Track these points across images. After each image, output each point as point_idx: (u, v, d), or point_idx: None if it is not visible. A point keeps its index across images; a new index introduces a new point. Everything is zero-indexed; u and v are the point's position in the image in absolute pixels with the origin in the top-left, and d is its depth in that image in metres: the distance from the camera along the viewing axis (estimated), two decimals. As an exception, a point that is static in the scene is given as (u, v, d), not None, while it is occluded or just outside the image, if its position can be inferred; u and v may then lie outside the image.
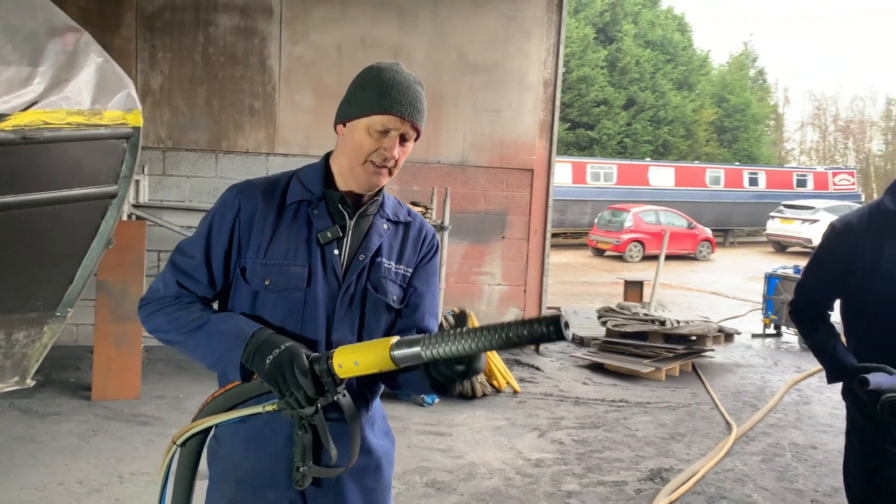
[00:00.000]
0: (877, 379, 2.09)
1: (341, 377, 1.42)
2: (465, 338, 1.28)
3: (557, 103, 7.51)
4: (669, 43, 31.09)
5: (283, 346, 1.43)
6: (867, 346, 2.32)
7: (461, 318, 1.37)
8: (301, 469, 1.48)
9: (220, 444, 1.61)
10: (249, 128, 6.93)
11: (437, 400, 5.72)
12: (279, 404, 1.46)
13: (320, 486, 1.56)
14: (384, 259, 1.63)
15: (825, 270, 2.40)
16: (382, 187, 1.64)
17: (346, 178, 1.61)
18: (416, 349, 1.33)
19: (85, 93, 3.06)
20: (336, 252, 1.58)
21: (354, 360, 1.39)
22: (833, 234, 2.38)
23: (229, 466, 1.59)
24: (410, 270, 1.68)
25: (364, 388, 1.60)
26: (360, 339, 1.60)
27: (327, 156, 1.67)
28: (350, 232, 1.61)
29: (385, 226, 1.65)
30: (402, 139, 1.56)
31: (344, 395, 1.46)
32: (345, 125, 1.59)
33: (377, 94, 1.53)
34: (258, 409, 1.50)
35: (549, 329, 1.23)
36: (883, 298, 2.25)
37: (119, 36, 6.58)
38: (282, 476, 1.55)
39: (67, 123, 2.99)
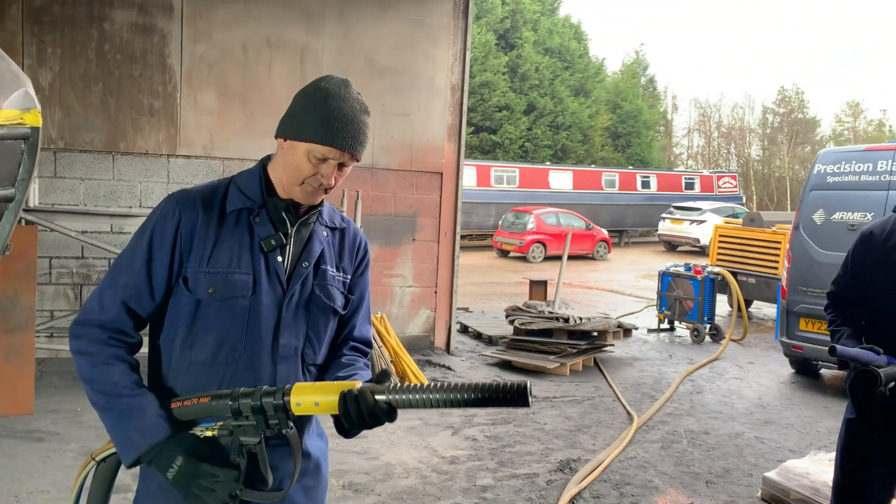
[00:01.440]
0: (851, 352, 2.37)
1: (296, 414, 1.42)
2: (432, 392, 1.35)
3: (465, 108, 7.67)
4: (567, 51, 32.20)
5: (177, 463, 1.44)
6: (870, 330, 2.64)
7: (383, 375, 1.43)
8: (237, 492, 1.45)
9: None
10: (149, 128, 6.67)
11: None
12: (219, 430, 1.45)
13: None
14: (327, 266, 1.66)
15: (848, 269, 2.75)
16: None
17: (284, 189, 1.62)
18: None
19: (-23, 91, 2.89)
20: (279, 259, 1.60)
21: (315, 401, 1.40)
22: (859, 237, 2.74)
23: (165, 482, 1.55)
24: (349, 277, 1.72)
25: None
26: (306, 345, 1.63)
27: (264, 161, 1.67)
28: (292, 239, 1.62)
29: (325, 233, 1.68)
30: (341, 165, 1.58)
31: (291, 429, 1.46)
32: (285, 141, 1.59)
33: (322, 122, 1.53)
34: (196, 432, 1.48)
35: (513, 396, 1.31)
36: (883, 288, 2.57)
37: (3, 30, 6.18)
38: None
39: (-42, 123, 2.82)
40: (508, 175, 22.75)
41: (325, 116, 1.54)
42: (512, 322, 7.98)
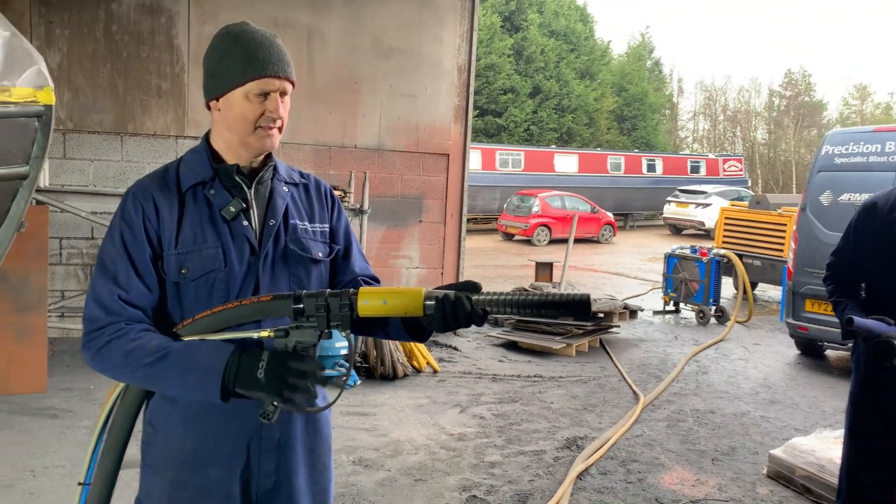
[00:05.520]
0: (867, 323, 2.41)
1: (361, 315, 1.43)
2: (513, 304, 1.44)
3: (471, 89, 7.66)
4: (572, 33, 31.98)
5: (264, 357, 1.41)
6: (869, 300, 2.68)
7: (470, 284, 1.50)
8: (276, 402, 1.41)
9: (156, 428, 1.59)
10: (157, 109, 6.69)
11: (358, 381, 5.77)
12: (276, 332, 1.44)
13: (262, 447, 1.58)
14: (297, 221, 1.65)
15: (850, 239, 2.79)
16: (271, 153, 1.65)
17: (237, 151, 1.59)
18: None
19: (-8, 68, 2.91)
20: (245, 223, 1.59)
21: (382, 300, 1.42)
22: (862, 207, 2.78)
23: (167, 449, 1.58)
24: (327, 227, 1.71)
25: None
26: None
27: (206, 135, 1.65)
28: (253, 201, 1.61)
29: (285, 188, 1.67)
30: (281, 95, 1.56)
31: (350, 330, 1.46)
32: (218, 100, 1.56)
33: (243, 60, 1.52)
34: (250, 334, 1.47)
35: (578, 306, 1.43)
36: (885, 259, 2.61)
37: (11, 10, 6.17)
38: (225, 453, 1.56)
39: (-27, 100, 2.84)
40: (514, 158, 22.70)
41: (243, 54, 1.52)
42: (518, 303, 7.99)
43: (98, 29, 6.49)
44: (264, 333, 1.45)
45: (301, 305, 1.43)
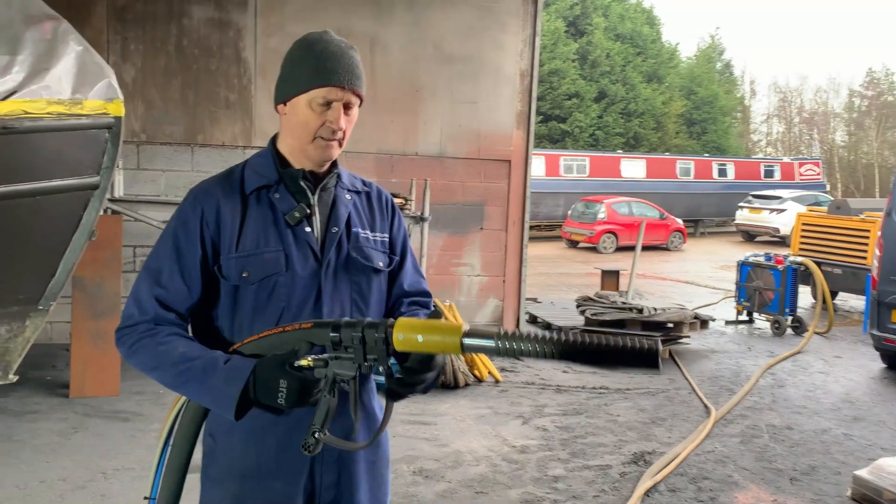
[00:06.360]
0: None
1: (396, 349, 1.37)
2: (546, 341, 1.29)
3: (534, 94, 7.56)
4: (639, 36, 31.39)
5: (283, 388, 1.36)
6: None
7: (435, 314, 1.41)
8: (317, 435, 1.37)
9: (217, 441, 1.58)
10: (225, 121, 6.86)
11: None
12: (315, 361, 1.39)
13: (324, 459, 1.56)
14: (359, 230, 1.63)
15: None
16: (336, 160, 1.63)
17: (298, 157, 1.59)
18: (490, 342, 1.30)
19: (65, 82, 3.01)
20: (308, 229, 1.57)
21: (418, 335, 1.35)
22: None
23: (229, 462, 1.56)
24: (386, 236, 1.69)
25: None
26: (353, 309, 1.60)
27: (273, 139, 1.65)
28: (316, 208, 1.60)
29: (348, 196, 1.66)
30: (346, 108, 1.54)
31: (388, 367, 1.40)
32: (285, 105, 1.57)
33: (313, 67, 1.52)
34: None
35: (642, 358, 1.25)
36: None
37: (90, 27, 6.45)
38: (287, 466, 1.54)
39: (48, 113, 2.94)
40: (578, 164, 22.36)
41: (314, 62, 1.52)
42: (583, 312, 7.84)
43: (170, 43, 6.71)
44: (304, 362, 1.40)
45: (338, 335, 1.38)
